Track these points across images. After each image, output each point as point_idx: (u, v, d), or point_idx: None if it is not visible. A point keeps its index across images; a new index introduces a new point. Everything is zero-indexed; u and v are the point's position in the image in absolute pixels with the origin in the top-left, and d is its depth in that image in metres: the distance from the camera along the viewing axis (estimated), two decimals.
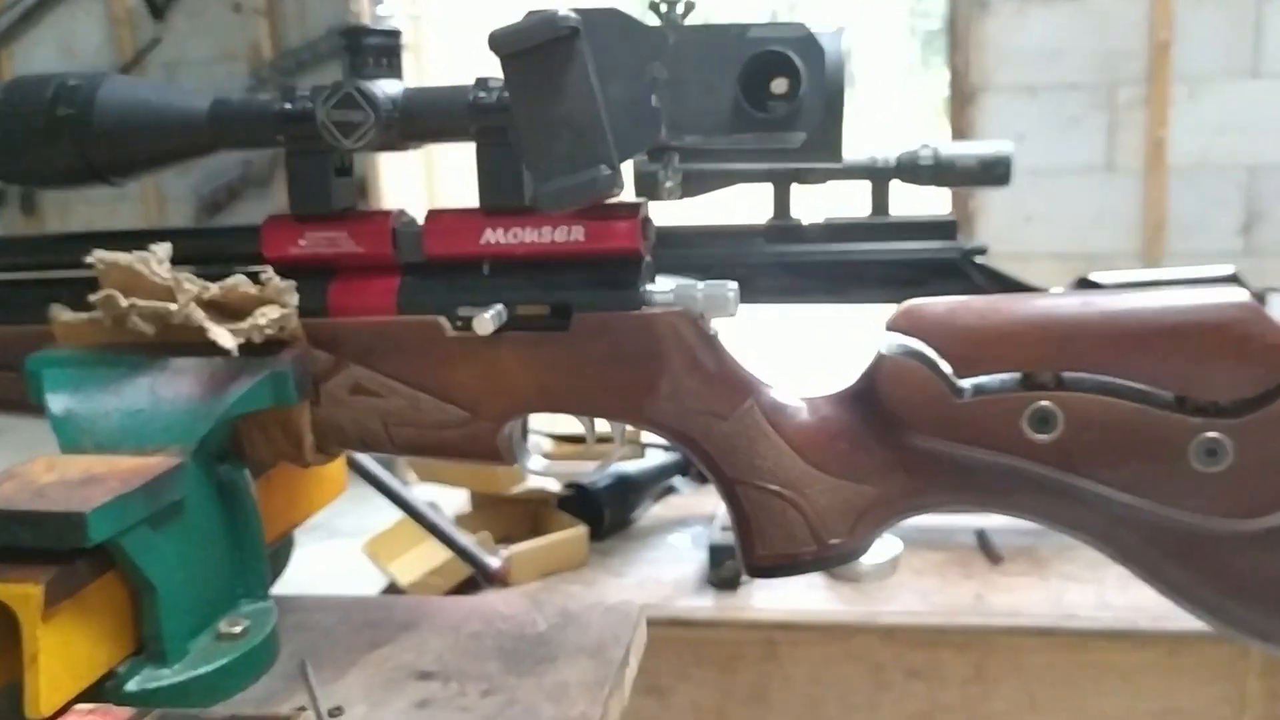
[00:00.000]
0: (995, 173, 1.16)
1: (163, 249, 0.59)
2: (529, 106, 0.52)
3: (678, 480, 1.40)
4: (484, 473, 1.24)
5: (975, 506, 0.56)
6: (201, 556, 0.56)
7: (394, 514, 1.20)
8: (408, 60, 0.60)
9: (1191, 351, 0.51)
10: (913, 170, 1.17)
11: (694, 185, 1.17)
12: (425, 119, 0.58)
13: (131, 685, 0.53)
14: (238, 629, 0.56)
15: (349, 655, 0.59)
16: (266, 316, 0.56)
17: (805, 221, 1.18)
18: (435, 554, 1.18)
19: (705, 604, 1.13)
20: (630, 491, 1.31)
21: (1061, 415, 0.52)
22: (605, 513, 1.26)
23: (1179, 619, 0.56)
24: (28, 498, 0.50)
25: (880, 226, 1.19)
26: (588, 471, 0.62)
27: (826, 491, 0.56)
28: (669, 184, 0.55)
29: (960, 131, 3.46)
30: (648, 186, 0.57)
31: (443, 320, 0.59)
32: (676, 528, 1.31)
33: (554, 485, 1.25)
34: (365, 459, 0.75)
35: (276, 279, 0.57)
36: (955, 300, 0.56)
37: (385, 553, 1.22)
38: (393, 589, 1.18)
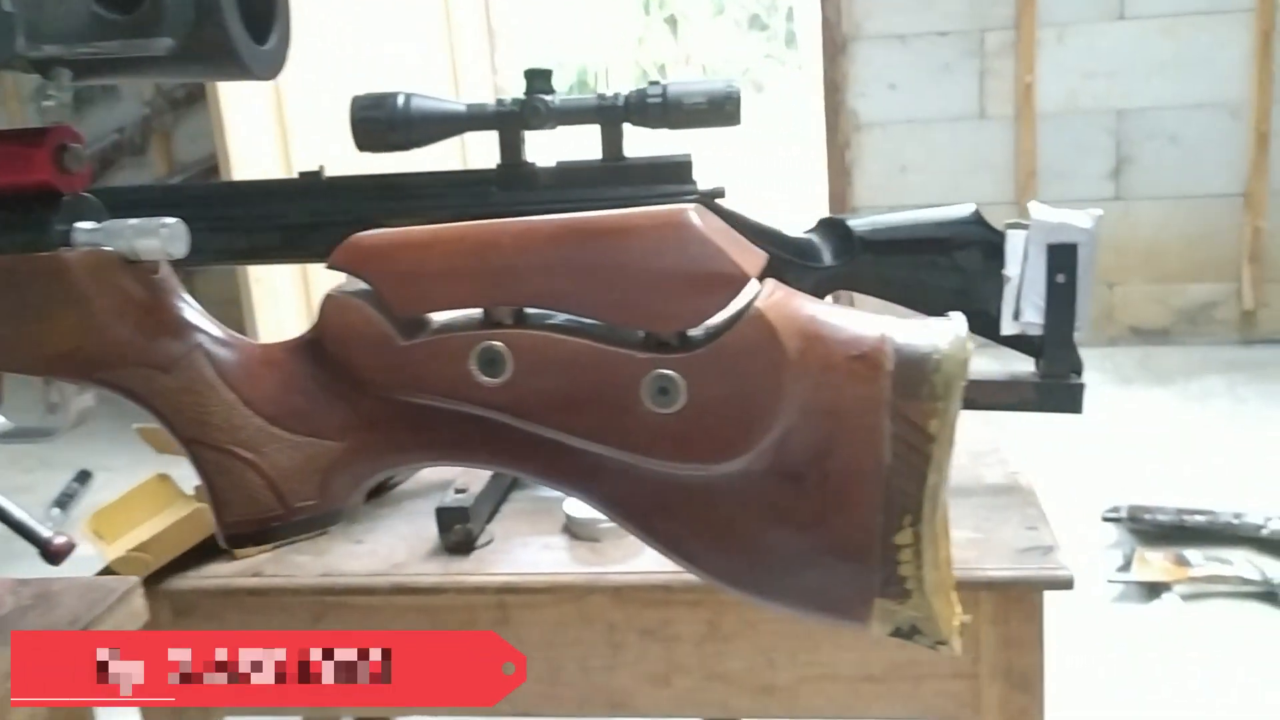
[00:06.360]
0: (724, 110, 1.11)
1: None
2: None
3: None
4: None
5: (447, 460, 0.51)
6: None
7: (126, 484, 1.14)
8: None
9: (634, 279, 0.45)
10: (641, 110, 1.12)
11: (418, 133, 1.11)
12: None
13: None
14: None
15: None
16: None
17: (539, 166, 1.12)
18: (156, 528, 1.10)
19: (433, 569, 1.08)
20: None
21: (511, 356, 0.46)
22: None
23: None
24: None
25: (614, 170, 1.14)
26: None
27: (285, 450, 0.50)
28: (49, 104, 0.48)
29: (835, 83, 3.42)
30: (41, 109, 0.51)
31: None
32: (434, 492, 1.26)
33: None
34: None
35: None
36: (401, 231, 0.49)
37: (111, 529, 1.15)
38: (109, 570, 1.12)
